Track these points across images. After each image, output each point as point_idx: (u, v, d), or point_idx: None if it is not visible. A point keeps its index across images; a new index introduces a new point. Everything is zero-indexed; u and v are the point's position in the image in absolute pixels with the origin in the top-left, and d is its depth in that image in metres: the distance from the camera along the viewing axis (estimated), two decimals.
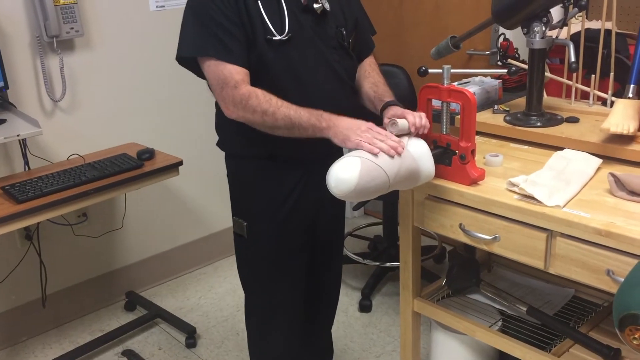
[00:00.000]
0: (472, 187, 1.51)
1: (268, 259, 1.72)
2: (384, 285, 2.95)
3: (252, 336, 1.87)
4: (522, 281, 2.00)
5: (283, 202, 1.67)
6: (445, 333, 1.88)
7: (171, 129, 2.91)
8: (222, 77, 1.49)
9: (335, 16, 1.62)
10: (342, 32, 1.63)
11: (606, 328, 1.69)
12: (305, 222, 1.74)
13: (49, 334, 2.72)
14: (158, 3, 2.77)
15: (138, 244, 2.98)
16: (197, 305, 2.89)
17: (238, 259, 1.81)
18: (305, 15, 1.56)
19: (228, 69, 1.49)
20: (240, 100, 1.48)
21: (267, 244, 1.71)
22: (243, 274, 1.81)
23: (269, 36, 1.52)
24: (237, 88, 1.48)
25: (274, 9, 1.53)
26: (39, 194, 2.08)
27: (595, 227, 1.28)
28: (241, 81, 1.49)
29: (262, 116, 1.47)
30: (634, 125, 1.56)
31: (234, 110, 1.50)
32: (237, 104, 1.49)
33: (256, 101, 1.47)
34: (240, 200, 1.74)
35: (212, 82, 1.52)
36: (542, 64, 1.75)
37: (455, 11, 2.86)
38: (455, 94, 1.49)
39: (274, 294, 1.77)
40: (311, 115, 1.46)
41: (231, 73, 1.49)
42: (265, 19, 1.51)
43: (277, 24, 1.52)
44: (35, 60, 2.47)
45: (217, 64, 1.49)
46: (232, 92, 1.49)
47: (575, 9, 1.73)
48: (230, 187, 1.76)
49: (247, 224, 1.69)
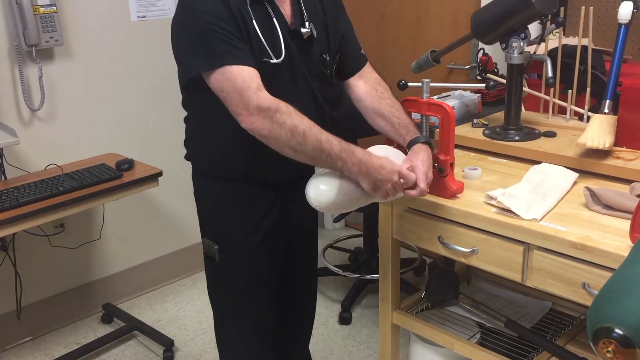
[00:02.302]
0: (451, 200, 1.52)
1: (241, 284, 1.66)
2: (364, 297, 2.94)
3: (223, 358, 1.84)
4: (500, 294, 2.01)
5: (257, 226, 1.60)
6: (424, 345, 1.88)
7: (151, 139, 2.90)
8: (241, 81, 1.33)
9: (320, 41, 1.55)
10: (325, 59, 1.56)
11: (583, 341, 1.70)
12: (280, 245, 1.68)
13: (23, 346, 2.67)
14: (139, 13, 2.76)
15: (116, 256, 2.94)
16: (176, 317, 2.86)
17: (209, 282, 1.72)
18: (292, 40, 1.48)
19: (247, 72, 1.34)
20: (269, 107, 1.32)
21: (240, 269, 1.64)
22: (213, 297, 1.74)
23: (265, 58, 1.42)
24: (261, 91, 1.33)
25: (268, 30, 1.44)
26: (15, 204, 2.05)
27: (571, 241, 1.30)
28: (262, 86, 1.35)
29: (290, 132, 1.32)
30: (609, 140, 1.59)
31: (258, 118, 1.32)
32: (264, 111, 1.32)
33: (286, 113, 1.33)
34: (210, 221, 1.65)
35: (229, 91, 1.35)
36: (520, 79, 1.78)
37: (436, 26, 2.89)
38: (435, 107, 1.50)
39: (246, 317, 1.71)
40: (342, 149, 1.35)
41: (251, 76, 1.34)
42: (262, 40, 1.42)
43: (272, 46, 1.44)
44: (13, 69, 2.45)
45: (231, 70, 1.34)
46: (255, 96, 1.32)
47: (552, 26, 1.76)
48: (198, 206, 1.67)
49: (218, 247, 1.61)
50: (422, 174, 1.41)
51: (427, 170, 1.42)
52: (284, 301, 1.79)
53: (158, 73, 2.81)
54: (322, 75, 1.56)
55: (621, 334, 0.94)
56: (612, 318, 0.95)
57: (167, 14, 2.83)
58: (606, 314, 0.97)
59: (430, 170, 1.43)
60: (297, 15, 1.51)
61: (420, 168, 1.41)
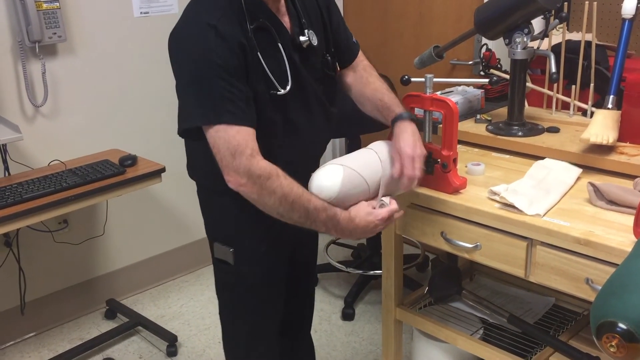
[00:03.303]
0: (454, 195, 1.52)
1: (257, 285, 1.64)
2: (366, 293, 2.95)
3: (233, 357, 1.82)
4: (503, 290, 2.01)
5: (267, 231, 1.57)
6: (427, 341, 1.88)
7: (154, 135, 2.90)
8: (235, 144, 1.30)
9: (320, 44, 1.52)
10: (328, 60, 1.54)
11: (586, 336, 1.70)
12: (288, 249, 1.68)
13: (27, 341, 2.68)
14: (142, 9, 2.76)
15: (119, 251, 2.95)
16: (179, 313, 2.87)
17: (221, 285, 1.70)
18: (295, 52, 1.44)
19: (242, 134, 1.31)
20: (259, 176, 1.31)
21: (257, 271, 1.62)
22: (227, 302, 1.71)
23: (272, 91, 1.39)
24: (254, 157, 1.31)
25: (273, 58, 1.40)
26: (18, 200, 2.06)
27: (575, 236, 1.30)
28: (257, 151, 1.33)
29: (279, 201, 1.32)
30: (613, 136, 1.59)
31: (248, 182, 1.32)
32: (254, 178, 1.31)
33: (277, 182, 1.32)
34: (220, 224, 1.64)
35: (222, 150, 1.32)
36: (523, 74, 1.77)
37: (439, 21, 2.88)
38: (438, 102, 1.50)
39: (263, 317, 1.70)
40: (327, 219, 1.34)
41: (246, 140, 1.31)
42: (268, 75, 1.37)
43: (278, 76, 1.40)
44: (16, 65, 2.45)
45: (227, 129, 1.30)
46: (248, 162, 1.31)
47: (556, 21, 1.75)
48: (205, 214, 1.66)
49: (233, 250, 1.58)
50: (407, 159, 1.39)
51: (413, 151, 1.39)
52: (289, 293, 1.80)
53: (161, 69, 2.80)
54: (325, 78, 1.55)
55: (625, 328, 0.94)
56: (615, 313, 0.95)
57: (170, 10, 2.83)
58: (609, 308, 0.97)
59: (417, 146, 1.41)
60: (296, 22, 1.47)
61: (406, 153, 1.39)
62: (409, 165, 1.39)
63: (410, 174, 1.39)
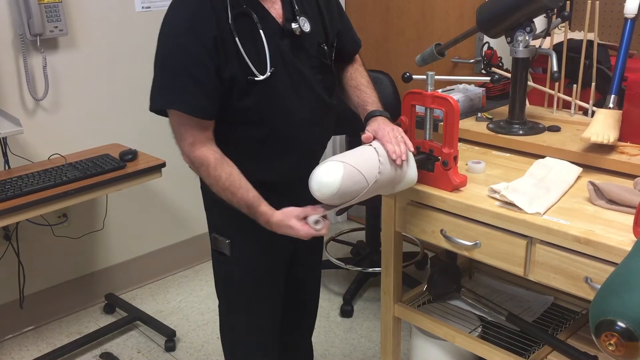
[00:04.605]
0: (454, 193, 1.52)
1: (251, 279, 1.66)
2: (365, 290, 2.95)
3: (228, 355, 1.83)
4: (502, 288, 2.01)
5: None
6: (426, 339, 1.88)
7: (154, 130, 2.88)
8: (183, 131, 1.45)
9: (316, 33, 1.53)
10: (324, 49, 1.55)
11: (584, 335, 1.70)
12: (287, 241, 1.70)
13: (26, 335, 2.69)
14: (144, 4, 2.76)
15: (119, 246, 2.95)
16: (178, 308, 2.87)
17: (218, 277, 1.73)
18: (285, 39, 1.46)
19: (191, 123, 1.43)
20: (193, 162, 1.47)
21: (252, 263, 1.64)
22: (223, 293, 1.74)
23: (250, 77, 1.43)
24: (193, 146, 1.45)
25: (252, 44, 1.42)
26: (18, 194, 2.06)
27: (575, 235, 1.30)
28: (198, 142, 1.45)
29: (210, 186, 1.48)
30: (614, 135, 1.59)
31: (191, 166, 1.49)
32: (192, 162, 1.48)
33: (205, 172, 1.46)
34: (219, 216, 1.66)
35: (174, 132, 1.48)
36: (525, 73, 1.77)
37: (441, 19, 2.88)
38: (439, 100, 1.49)
39: (257, 311, 1.71)
40: (250, 211, 1.45)
41: (191, 128, 1.44)
42: (245, 60, 1.41)
43: (257, 62, 1.43)
44: (18, 58, 2.45)
45: (179, 116, 1.43)
46: (187, 149, 1.46)
47: (558, 20, 1.75)
48: (206, 202, 1.69)
49: (229, 242, 1.62)
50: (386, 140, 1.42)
51: (388, 133, 1.43)
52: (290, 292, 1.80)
53: None
54: (323, 67, 1.56)
55: (623, 327, 0.94)
56: (614, 311, 0.96)
57: None
58: (609, 307, 0.97)
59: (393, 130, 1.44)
60: (288, 9, 1.48)
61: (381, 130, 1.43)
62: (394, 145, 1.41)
63: (396, 150, 1.40)
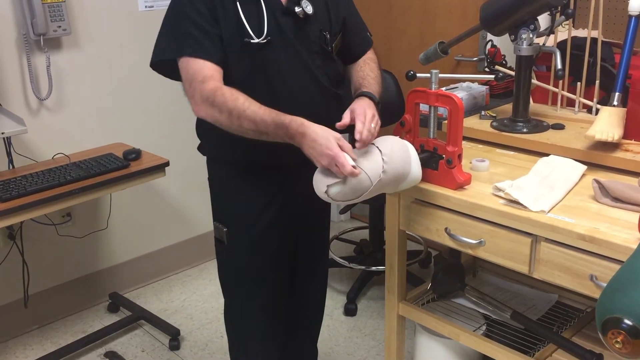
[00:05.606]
0: (458, 191, 1.52)
1: (247, 266, 1.69)
2: (369, 289, 2.95)
3: (232, 345, 1.85)
4: (506, 286, 2.01)
5: (263, 209, 1.63)
6: (430, 337, 1.89)
7: (158, 129, 2.90)
8: (192, 72, 1.45)
9: (319, 19, 1.56)
10: (326, 36, 1.58)
11: (589, 333, 1.70)
12: (288, 230, 1.70)
13: (30, 334, 2.69)
14: (147, 3, 2.76)
15: (122, 245, 2.95)
16: (182, 307, 2.87)
17: (218, 265, 1.78)
18: (286, 18, 1.51)
19: (199, 64, 1.45)
20: (208, 97, 1.43)
21: (247, 251, 1.67)
22: (223, 280, 1.79)
23: (246, 39, 1.47)
24: (204, 82, 1.44)
25: (252, 10, 1.48)
26: (22, 193, 2.06)
27: (579, 233, 1.30)
28: (210, 77, 1.45)
29: (228, 117, 1.42)
30: (618, 133, 1.58)
31: (202, 107, 1.45)
32: (205, 100, 1.43)
33: (222, 99, 1.41)
34: (219, 205, 1.70)
35: (183, 79, 1.49)
36: (529, 70, 1.77)
37: (444, 17, 2.88)
38: (443, 98, 1.49)
39: (253, 300, 1.73)
40: (277, 127, 1.38)
41: (201, 68, 1.45)
42: (243, 21, 1.47)
43: (255, 27, 1.48)
44: (21, 58, 2.45)
45: (188, 61, 1.46)
46: (199, 87, 1.44)
47: (562, 17, 1.74)
48: (210, 191, 1.73)
49: (226, 230, 1.66)
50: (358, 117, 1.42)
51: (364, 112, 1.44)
52: (294, 288, 1.81)
53: None
54: (323, 52, 1.58)
55: (630, 324, 0.94)
56: (621, 309, 0.95)
57: None
58: (615, 305, 0.97)
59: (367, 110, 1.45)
60: None
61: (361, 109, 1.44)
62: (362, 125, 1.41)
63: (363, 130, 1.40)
